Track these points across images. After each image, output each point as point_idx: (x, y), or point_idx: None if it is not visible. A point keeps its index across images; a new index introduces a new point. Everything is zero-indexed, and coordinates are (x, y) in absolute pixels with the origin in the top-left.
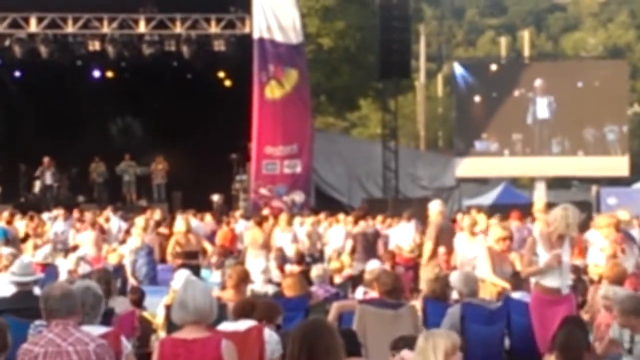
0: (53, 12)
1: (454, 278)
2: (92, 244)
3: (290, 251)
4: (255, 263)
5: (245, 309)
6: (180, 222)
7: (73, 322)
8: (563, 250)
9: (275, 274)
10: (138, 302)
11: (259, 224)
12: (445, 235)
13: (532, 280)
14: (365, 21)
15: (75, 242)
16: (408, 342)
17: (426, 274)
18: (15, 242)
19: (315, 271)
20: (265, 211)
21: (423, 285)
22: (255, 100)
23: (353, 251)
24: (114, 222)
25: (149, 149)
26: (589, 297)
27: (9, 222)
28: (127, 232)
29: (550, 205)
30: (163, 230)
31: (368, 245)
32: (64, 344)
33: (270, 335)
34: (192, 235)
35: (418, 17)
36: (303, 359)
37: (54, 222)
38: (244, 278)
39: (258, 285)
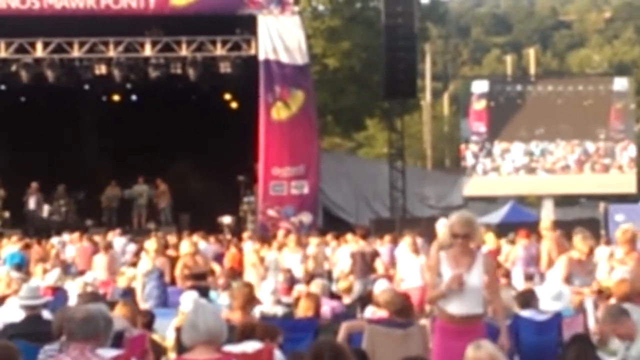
0: (59, 36)
1: None
2: (105, 267)
3: (299, 272)
4: (264, 284)
5: (246, 330)
6: (186, 245)
7: (90, 346)
8: (473, 269)
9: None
10: (148, 325)
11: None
12: None
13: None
14: (371, 41)
15: (85, 266)
16: None
17: None
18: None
19: (315, 287)
20: (281, 232)
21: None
22: (261, 121)
23: (352, 271)
24: (118, 244)
25: (156, 172)
26: (599, 316)
27: (27, 247)
28: (137, 254)
29: (556, 223)
30: (171, 252)
31: (365, 264)
32: None
33: (276, 355)
34: (199, 256)
35: (424, 36)
36: None
37: (64, 247)
38: (250, 299)
39: (267, 307)
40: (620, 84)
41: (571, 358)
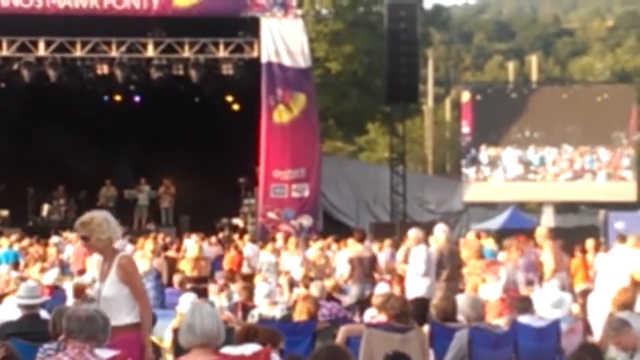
0: (62, 36)
1: (461, 302)
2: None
3: (299, 275)
4: (258, 287)
5: (249, 334)
6: (193, 247)
7: (90, 346)
8: (108, 277)
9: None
10: None
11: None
12: (447, 259)
13: None
14: (374, 45)
15: (81, 266)
16: None
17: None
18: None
19: (314, 289)
20: (279, 235)
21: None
22: (263, 124)
23: (350, 275)
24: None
25: (157, 173)
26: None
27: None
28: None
29: (555, 231)
30: (171, 253)
31: (363, 269)
32: None
33: (274, 359)
34: (203, 261)
35: (426, 41)
36: None
37: (64, 246)
38: None
39: (264, 309)
40: (620, 94)
41: None
